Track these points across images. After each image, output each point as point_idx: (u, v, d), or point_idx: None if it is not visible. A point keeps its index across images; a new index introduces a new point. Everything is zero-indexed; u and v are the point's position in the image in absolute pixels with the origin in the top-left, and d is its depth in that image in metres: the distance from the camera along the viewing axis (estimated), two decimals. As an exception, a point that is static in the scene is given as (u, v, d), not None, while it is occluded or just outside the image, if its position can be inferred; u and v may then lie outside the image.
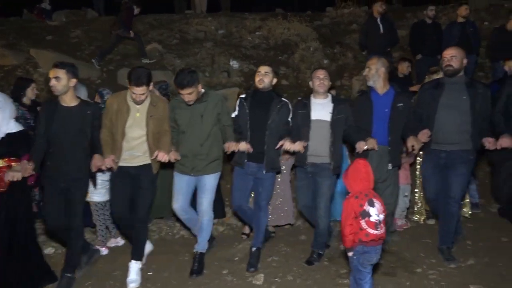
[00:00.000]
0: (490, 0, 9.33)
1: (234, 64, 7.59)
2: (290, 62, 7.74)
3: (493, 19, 8.68)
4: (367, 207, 2.51)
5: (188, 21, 9.21)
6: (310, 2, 10.99)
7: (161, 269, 3.68)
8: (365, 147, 3.38)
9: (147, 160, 3.46)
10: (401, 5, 10.32)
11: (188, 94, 3.39)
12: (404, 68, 5.85)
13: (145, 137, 3.42)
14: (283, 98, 3.72)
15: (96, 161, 3.25)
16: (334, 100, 3.67)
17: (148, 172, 3.47)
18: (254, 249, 3.69)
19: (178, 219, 3.98)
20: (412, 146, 3.39)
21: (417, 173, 4.43)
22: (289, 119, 3.67)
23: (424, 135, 3.43)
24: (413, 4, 10.05)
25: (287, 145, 3.43)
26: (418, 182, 4.44)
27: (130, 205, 3.50)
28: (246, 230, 4.39)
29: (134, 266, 3.45)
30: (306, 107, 3.62)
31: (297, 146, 3.45)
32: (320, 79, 3.60)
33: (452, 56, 3.47)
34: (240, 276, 3.50)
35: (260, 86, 3.64)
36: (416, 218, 4.50)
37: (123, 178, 3.45)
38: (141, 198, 3.46)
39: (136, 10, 7.56)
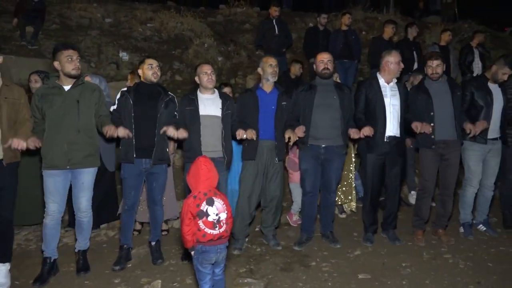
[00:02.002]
0: (366, 13, 10.31)
1: (124, 55, 7.09)
2: (184, 57, 7.52)
3: (369, 29, 9.63)
4: (204, 207, 2.47)
5: (70, 5, 8.34)
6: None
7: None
8: (244, 136, 3.55)
9: None
10: (290, 10, 10.79)
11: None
12: (296, 69, 6.11)
13: None
14: (169, 92, 3.70)
15: None
16: (222, 96, 3.74)
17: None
18: (154, 243, 3.71)
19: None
20: (289, 137, 3.67)
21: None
22: (176, 113, 3.65)
23: (300, 130, 3.72)
24: (301, 10, 10.59)
25: (170, 131, 3.40)
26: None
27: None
28: (137, 226, 4.26)
29: (2, 269, 3.17)
30: (194, 102, 3.62)
31: (182, 133, 3.44)
32: (208, 74, 3.63)
33: (329, 60, 3.87)
34: (134, 285, 3.26)
35: (154, 79, 3.54)
36: (308, 213, 4.71)
37: None
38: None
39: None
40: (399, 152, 3.99)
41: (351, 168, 4.74)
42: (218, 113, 3.63)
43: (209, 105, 3.63)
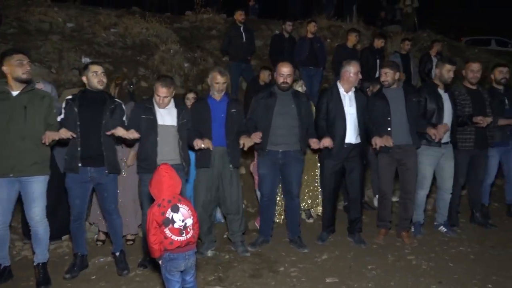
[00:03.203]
0: (330, 21, 10.54)
1: (87, 61, 6.88)
2: (150, 63, 7.39)
3: (334, 37, 9.84)
4: (169, 214, 2.46)
5: (29, 8, 8.03)
6: (169, 3, 10.72)
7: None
8: (202, 146, 3.58)
9: None
10: (256, 17, 10.88)
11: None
12: (265, 76, 6.19)
13: None
14: (116, 99, 3.62)
15: None
16: (177, 105, 3.70)
17: None
18: (117, 254, 3.64)
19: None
20: (243, 143, 3.72)
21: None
22: (124, 119, 3.55)
23: (256, 136, 3.78)
24: (267, 17, 10.70)
25: (119, 131, 3.34)
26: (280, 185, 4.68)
27: None
28: (101, 236, 4.19)
29: None
30: (151, 112, 3.55)
31: (132, 133, 3.38)
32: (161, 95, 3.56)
33: (288, 75, 3.97)
34: (99, 297, 3.16)
35: (100, 86, 3.46)
36: (277, 219, 4.73)
37: None
38: None
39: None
40: (357, 158, 4.10)
41: (316, 173, 4.80)
42: (174, 122, 3.61)
43: (165, 114, 3.60)
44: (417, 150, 4.24)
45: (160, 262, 2.56)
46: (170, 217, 2.45)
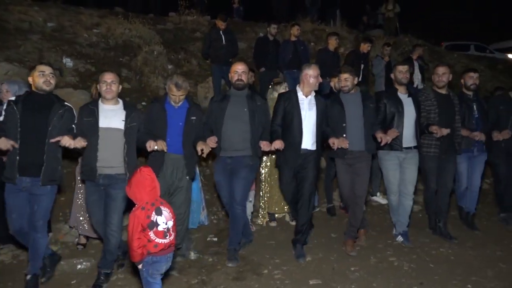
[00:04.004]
0: (314, 25, 10.63)
1: (68, 62, 6.76)
2: (133, 64, 7.31)
3: (317, 41, 9.92)
4: (154, 217, 2.44)
5: (8, 7, 7.86)
6: (152, 4, 10.62)
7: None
8: (155, 147, 3.39)
9: None
10: (241, 20, 10.88)
11: None
12: (251, 78, 6.15)
13: None
14: (66, 103, 3.38)
15: None
16: (126, 107, 3.48)
17: None
18: (29, 277, 3.24)
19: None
20: (202, 149, 3.53)
21: (262, 179, 4.68)
22: (73, 126, 3.33)
23: (212, 141, 3.66)
24: (252, 20, 10.72)
25: (65, 140, 3.13)
26: (262, 187, 4.68)
27: None
28: (82, 240, 4.08)
29: None
30: (94, 114, 3.33)
31: (79, 142, 3.17)
32: (107, 84, 3.36)
33: (243, 72, 3.84)
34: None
35: (46, 87, 3.25)
36: (260, 222, 4.73)
37: None
38: None
39: None
40: (312, 166, 3.93)
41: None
42: (121, 125, 3.35)
43: (111, 116, 3.35)
44: (379, 155, 4.24)
45: (139, 266, 2.52)
46: (154, 220, 2.43)
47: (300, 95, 3.95)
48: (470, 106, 4.59)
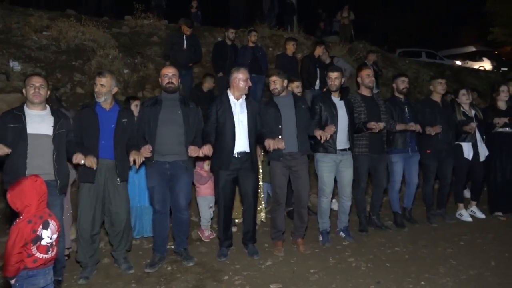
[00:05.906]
0: (272, 30, 10.75)
1: (15, 65, 6.43)
2: (86, 69, 7.06)
3: (276, 46, 10.03)
4: (40, 231, 2.28)
5: None
6: (104, 7, 10.33)
7: None
8: (82, 162, 3.28)
9: None
10: (200, 24, 10.80)
11: None
12: (210, 83, 6.15)
13: None
14: None
15: None
16: (54, 112, 3.38)
17: None
18: None
19: None
20: (134, 160, 3.48)
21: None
22: None
23: (146, 150, 3.59)
24: (210, 24, 10.68)
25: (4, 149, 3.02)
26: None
27: None
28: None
29: None
30: (20, 119, 3.19)
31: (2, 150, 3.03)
32: (35, 87, 3.22)
33: (173, 75, 3.84)
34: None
35: None
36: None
37: None
38: None
39: None
40: (251, 167, 4.00)
41: (259, 178, 4.82)
42: (49, 131, 3.25)
43: (39, 122, 3.24)
44: (316, 157, 4.35)
45: (12, 281, 2.31)
46: (40, 234, 2.27)
47: (231, 98, 3.99)
48: (402, 108, 4.93)
